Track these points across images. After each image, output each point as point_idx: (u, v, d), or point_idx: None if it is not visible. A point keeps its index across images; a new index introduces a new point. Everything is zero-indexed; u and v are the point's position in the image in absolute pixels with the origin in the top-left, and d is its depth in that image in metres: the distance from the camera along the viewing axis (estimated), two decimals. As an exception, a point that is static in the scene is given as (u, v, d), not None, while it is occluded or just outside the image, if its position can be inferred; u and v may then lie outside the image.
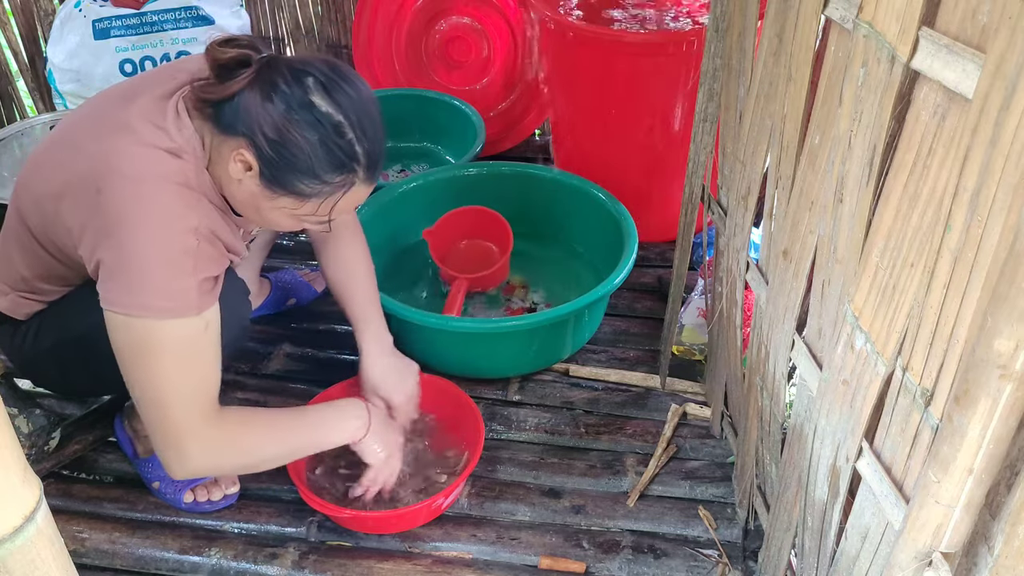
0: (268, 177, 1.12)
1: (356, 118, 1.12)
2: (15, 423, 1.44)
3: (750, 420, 1.31)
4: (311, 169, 1.11)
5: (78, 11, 2.33)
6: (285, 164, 1.11)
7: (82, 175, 1.12)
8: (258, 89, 1.10)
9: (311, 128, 1.09)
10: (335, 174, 1.13)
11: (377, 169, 1.17)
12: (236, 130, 1.11)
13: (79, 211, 1.12)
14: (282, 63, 1.13)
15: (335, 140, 1.11)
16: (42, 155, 1.22)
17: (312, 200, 1.15)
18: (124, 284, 1.08)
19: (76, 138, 1.18)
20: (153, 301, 1.08)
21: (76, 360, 1.30)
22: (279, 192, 1.13)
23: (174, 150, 1.13)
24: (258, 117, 1.09)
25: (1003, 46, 0.58)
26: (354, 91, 1.13)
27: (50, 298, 1.30)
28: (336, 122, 1.11)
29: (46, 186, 1.18)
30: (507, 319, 1.72)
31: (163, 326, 1.09)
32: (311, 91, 1.10)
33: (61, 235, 1.18)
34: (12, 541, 0.60)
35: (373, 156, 1.15)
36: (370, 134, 1.14)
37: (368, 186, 1.18)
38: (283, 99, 1.09)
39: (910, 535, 0.73)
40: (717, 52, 1.33)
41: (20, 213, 1.24)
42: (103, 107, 1.20)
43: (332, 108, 1.10)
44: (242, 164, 1.12)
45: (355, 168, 1.14)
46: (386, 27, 2.43)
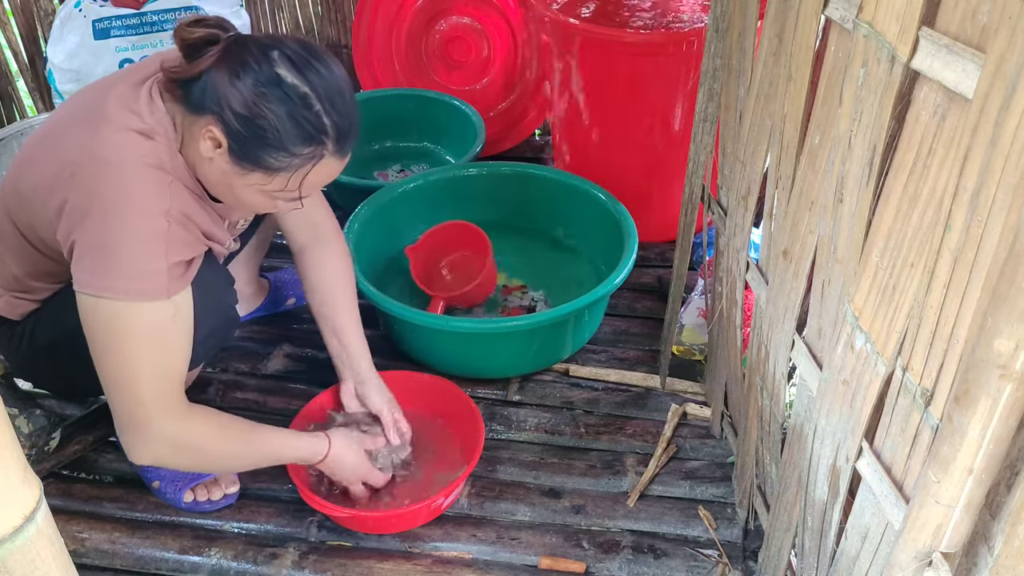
0: (237, 152, 1.13)
1: (324, 91, 1.13)
2: (15, 423, 1.44)
3: (750, 420, 1.31)
4: (279, 142, 1.11)
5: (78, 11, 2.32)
6: (253, 138, 1.11)
7: (62, 163, 1.14)
8: (225, 66, 1.11)
9: (278, 101, 1.10)
10: (303, 146, 1.13)
11: (348, 142, 1.17)
12: (205, 108, 1.12)
13: (56, 197, 1.13)
14: (250, 40, 1.14)
15: (302, 112, 1.11)
16: (26, 152, 1.24)
17: (281, 174, 1.15)
18: (94, 265, 1.09)
19: (57, 133, 1.19)
20: (122, 283, 1.09)
21: (70, 356, 1.30)
22: (248, 167, 1.14)
23: (146, 131, 1.14)
24: (225, 93, 1.10)
25: (1003, 46, 0.58)
26: (324, 67, 1.14)
27: (42, 296, 1.31)
28: (303, 93, 1.11)
29: (31, 181, 1.19)
30: (507, 319, 1.72)
31: (132, 308, 1.10)
32: (277, 64, 1.11)
33: (44, 227, 1.19)
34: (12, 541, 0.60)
35: (343, 129, 1.15)
36: (339, 107, 1.14)
37: (339, 160, 1.18)
38: (250, 74, 1.10)
39: (910, 535, 0.73)
40: (717, 52, 1.33)
41: (7, 211, 1.25)
42: (82, 101, 1.22)
43: (298, 80, 1.11)
44: (211, 141, 1.13)
45: (323, 140, 1.14)
46: (386, 27, 2.43)
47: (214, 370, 1.73)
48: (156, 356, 1.14)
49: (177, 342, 1.16)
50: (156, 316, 1.12)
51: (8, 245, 1.27)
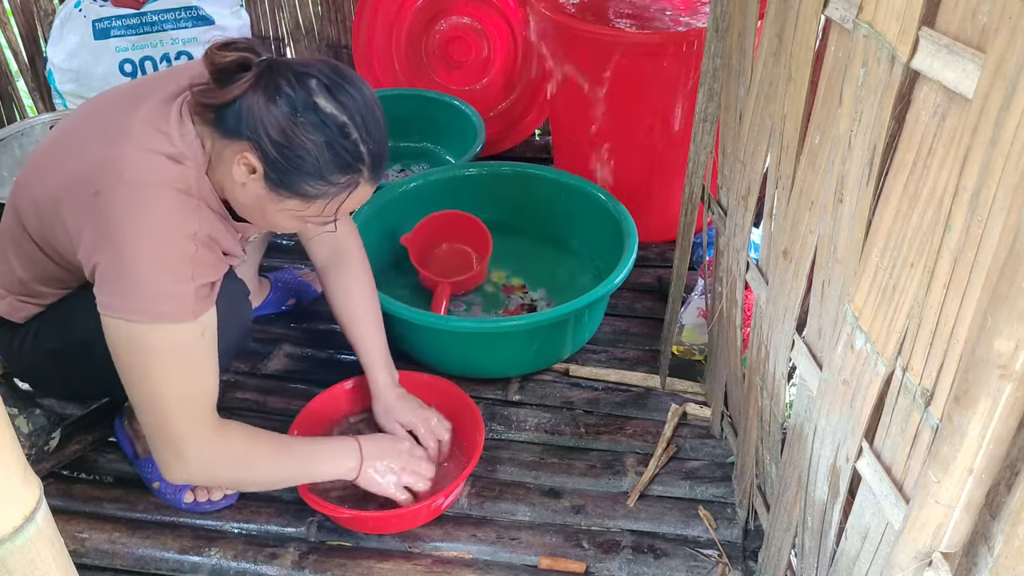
0: (274, 180, 1.12)
1: (360, 119, 1.12)
2: (15, 423, 1.44)
3: (750, 420, 1.31)
4: (317, 171, 1.11)
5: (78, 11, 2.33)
6: (291, 166, 1.11)
7: (82, 178, 1.12)
8: (261, 92, 1.10)
9: (316, 130, 1.10)
10: (341, 175, 1.13)
11: (381, 168, 1.18)
12: (240, 133, 1.11)
13: (77, 215, 1.12)
14: (284, 65, 1.13)
15: (340, 141, 1.11)
16: (41, 158, 1.22)
17: (318, 201, 1.15)
18: (121, 289, 1.09)
19: (77, 141, 1.18)
20: (150, 306, 1.08)
21: (76, 364, 1.30)
22: (285, 194, 1.14)
23: (175, 155, 1.12)
24: (263, 120, 1.09)
25: (1003, 46, 0.58)
26: (357, 92, 1.13)
27: (48, 301, 1.30)
28: (341, 123, 1.11)
29: (45, 189, 1.17)
30: (507, 319, 1.72)
31: (159, 330, 1.09)
32: (315, 93, 1.10)
33: (59, 238, 1.18)
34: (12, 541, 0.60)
35: (377, 156, 1.16)
36: (374, 134, 1.14)
37: (372, 185, 1.19)
38: (287, 101, 1.09)
39: (910, 535, 0.73)
40: (717, 52, 1.33)
41: (18, 216, 1.24)
42: (105, 110, 1.20)
43: (336, 109, 1.11)
44: (246, 167, 1.12)
45: (360, 168, 1.14)
46: (386, 27, 2.43)
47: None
48: (185, 377, 1.13)
49: (205, 362, 1.16)
50: (183, 337, 1.12)
51: (16, 249, 1.26)
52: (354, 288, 1.49)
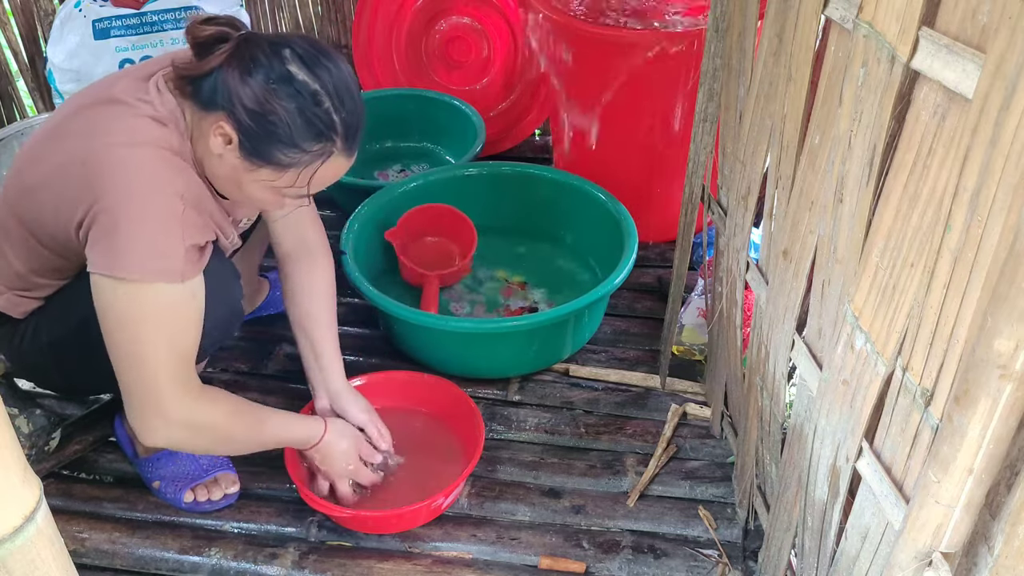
0: (248, 148, 1.14)
1: (333, 88, 1.14)
2: (15, 423, 1.44)
3: (750, 420, 1.31)
4: (289, 137, 1.13)
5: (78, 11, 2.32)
6: (264, 134, 1.12)
7: (70, 153, 1.14)
8: (236, 62, 1.12)
9: (289, 97, 1.11)
10: (313, 142, 1.14)
11: (355, 140, 1.19)
12: (216, 104, 1.13)
13: (68, 186, 1.14)
14: (260, 37, 1.15)
15: (312, 109, 1.12)
16: (30, 149, 1.24)
17: (291, 170, 1.16)
18: (110, 246, 1.10)
19: (61, 128, 1.20)
20: (139, 263, 1.09)
21: (74, 353, 1.30)
22: (258, 163, 1.15)
23: (159, 118, 1.15)
24: (237, 89, 1.11)
25: (1003, 46, 0.58)
26: (332, 65, 1.15)
27: (46, 293, 1.31)
28: (313, 90, 1.12)
29: (38, 175, 1.19)
30: (507, 319, 1.72)
31: (148, 290, 1.11)
32: (288, 61, 1.12)
33: (52, 220, 1.18)
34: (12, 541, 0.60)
35: (351, 126, 1.17)
36: (348, 105, 1.16)
37: (347, 158, 1.19)
38: (261, 70, 1.11)
39: (910, 535, 0.73)
40: (717, 52, 1.33)
41: (11, 208, 1.25)
42: (85, 97, 1.22)
43: (309, 77, 1.12)
44: (222, 137, 1.14)
45: (333, 137, 1.15)
46: (386, 27, 2.43)
47: (214, 370, 1.73)
48: (170, 337, 1.14)
49: (190, 324, 1.17)
50: (171, 298, 1.13)
51: (12, 242, 1.27)
52: (317, 283, 1.47)
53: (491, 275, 1.94)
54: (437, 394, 1.54)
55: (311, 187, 1.19)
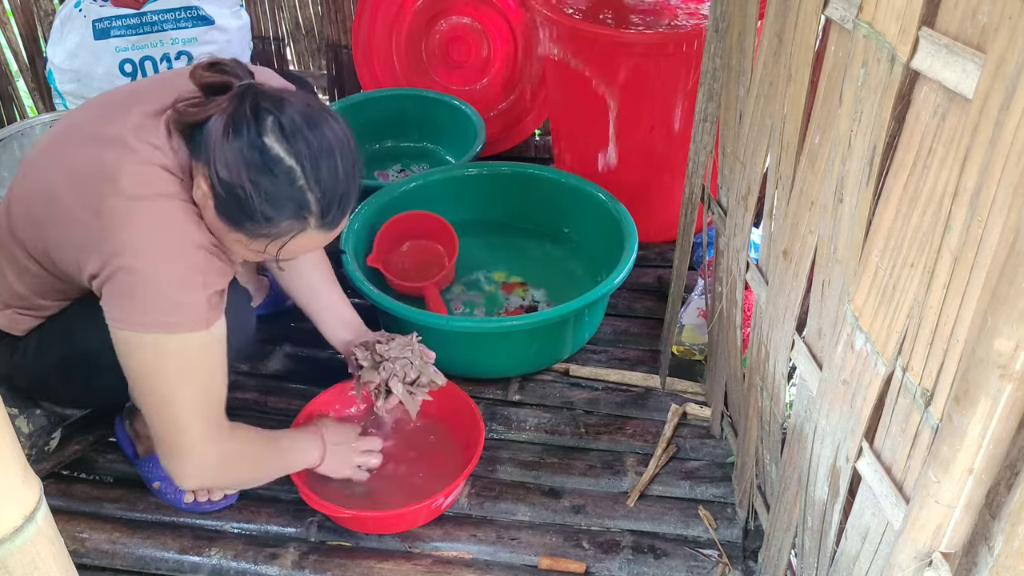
0: (219, 210, 1.10)
1: (311, 165, 1.07)
2: (15, 423, 1.44)
3: (750, 420, 1.31)
4: (256, 213, 1.08)
5: (78, 11, 2.33)
6: (233, 203, 1.08)
7: (82, 196, 1.12)
8: (222, 120, 1.07)
9: (259, 172, 1.06)
10: (283, 220, 1.09)
11: (331, 217, 1.12)
12: (201, 157, 1.10)
13: (81, 234, 1.12)
14: (254, 95, 1.09)
15: (284, 188, 1.07)
16: (34, 169, 1.20)
17: (261, 239, 1.12)
18: (133, 301, 1.09)
19: (72, 158, 1.16)
20: (163, 318, 1.09)
21: (80, 375, 1.30)
22: (230, 226, 1.11)
23: (170, 167, 1.12)
24: (215, 151, 1.07)
25: (1003, 46, 0.58)
26: (316, 136, 1.08)
27: (47, 313, 1.30)
28: (287, 167, 1.06)
29: (46, 211, 1.16)
30: (507, 319, 1.72)
31: (173, 340, 1.10)
32: (266, 133, 1.06)
33: (63, 258, 1.17)
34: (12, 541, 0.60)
35: (327, 204, 1.10)
36: (326, 182, 1.09)
37: (322, 233, 1.14)
38: (239, 136, 1.06)
39: (910, 535, 0.73)
40: (717, 52, 1.33)
41: (14, 233, 1.22)
42: (96, 122, 1.18)
43: (284, 152, 1.06)
44: (201, 191, 1.11)
45: (305, 216, 1.10)
46: (386, 27, 2.43)
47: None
48: (197, 386, 1.14)
49: (216, 370, 1.17)
50: (196, 346, 1.12)
51: (12, 264, 1.25)
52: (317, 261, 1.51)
53: (491, 275, 1.94)
54: (437, 394, 1.53)
55: (280, 256, 1.15)
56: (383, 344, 1.45)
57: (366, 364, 1.45)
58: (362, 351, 1.46)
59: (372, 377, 1.43)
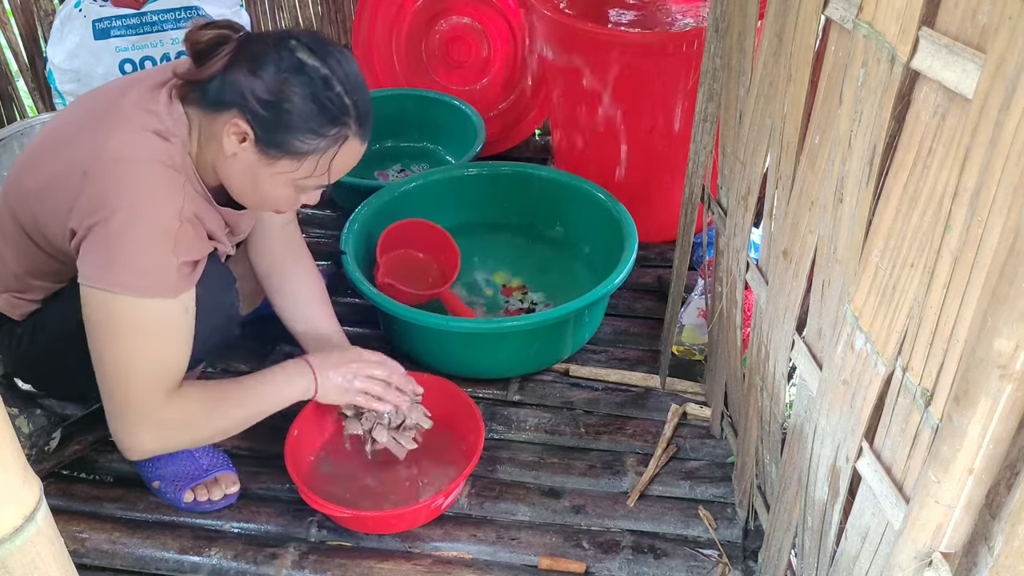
0: (264, 140, 1.14)
1: (343, 74, 1.16)
2: (15, 423, 1.44)
3: (750, 420, 1.31)
4: (306, 123, 1.14)
5: (78, 11, 2.33)
6: (280, 123, 1.13)
7: (72, 163, 1.14)
8: (243, 60, 1.14)
9: (301, 84, 1.13)
10: (329, 126, 1.15)
11: (368, 124, 1.21)
12: (225, 104, 1.14)
13: (66, 195, 1.14)
14: (262, 35, 1.17)
15: (326, 93, 1.14)
16: (33, 152, 1.23)
17: (310, 158, 1.17)
18: (104, 260, 1.10)
19: (66, 133, 1.19)
20: (132, 279, 1.09)
21: (73, 356, 1.30)
22: (276, 155, 1.15)
23: (162, 132, 1.15)
24: (248, 83, 1.12)
25: (1003, 46, 0.58)
26: (338, 53, 1.18)
27: (41, 296, 1.31)
28: (324, 75, 1.14)
29: (38, 180, 1.19)
30: (507, 319, 1.72)
31: (138, 304, 1.11)
32: (297, 50, 1.14)
33: (51, 225, 1.19)
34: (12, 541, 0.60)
35: (363, 110, 1.19)
36: (358, 89, 1.18)
37: (361, 142, 1.21)
38: (271, 62, 1.13)
39: (910, 535, 0.73)
40: (717, 52, 1.33)
41: (11, 210, 1.25)
42: (93, 103, 1.22)
43: (319, 64, 1.14)
44: (236, 135, 1.14)
45: (347, 120, 1.17)
46: (386, 27, 2.43)
47: (214, 370, 1.73)
48: (157, 353, 1.14)
49: (179, 341, 1.17)
50: (161, 314, 1.13)
51: (10, 244, 1.27)
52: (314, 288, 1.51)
53: (490, 276, 1.94)
54: (437, 394, 1.53)
55: (331, 174, 1.20)
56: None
57: (349, 413, 1.44)
58: None
59: (355, 429, 1.42)
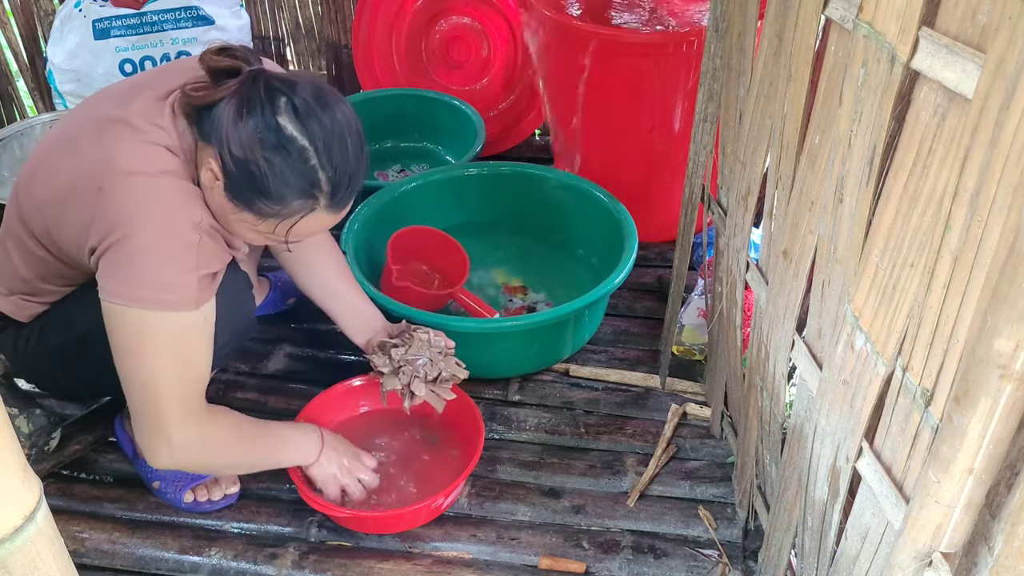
0: (230, 190, 1.13)
1: (323, 144, 1.11)
2: (15, 423, 1.44)
3: (750, 420, 1.31)
4: (269, 191, 1.11)
5: (78, 11, 2.33)
6: (246, 181, 1.11)
7: (84, 176, 1.13)
8: (234, 102, 1.10)
9: (273, 150, 1.09)
10: (295, 198, 1.12)
11: (342, 197, 1.16)
12: (210, 139, 1.13)
13: (83, 211, 1.13)
14: (265, 79, 1.12)
15: (297, 166, 1.10)
16: (41, 159, 1.22)
17: (270, 220, 1.14)
18: (125, 276, 1.09)
19: (76, 141, 1.18)
20: (153, 294, 1.09)
21: (80, 359, 1.30)
22: (240, 207, 1.14)
23: (172, 148, 1.14)
24: (227, 131, 1.10)
25: (1003, 46, 0.58)
26: (328, 117, 1.12)
27: (51, 299, 1.30)
28: (300, 147, 1.10)
29: (48, 191, 1.18)
30: (507, 319, 1.72)
31: (160, 317, 1.10)
32: (280, 112, 1.09)
33: (65, 238, 1.18)
34: (12, 541, 0.60)
35: (338, 184, 1.14)
36: (337, 162, 1.12)
37: (332, 213, 1.17)
38: (252, 117, 1.09)
39: (910, 535, 0.73)
40: (717, 52, 1.33)
41: (21, 216, 1.24)
42: (101, 107, 1.21)
43: (298, 132, 1.09)
44: (211, 173, 1.13)
45: (316, 195, 1.13)
46: (386, 27, 2.43)
47: (214, 370, 1.73)
48: (181, 365, 1.14)
49: (201, 351, 1.17)
50: (183, 326, 1.12)
51: (19, 248, 1.26)
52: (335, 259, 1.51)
53: (490, 276, 1.94)
54: (437, 394, 1.54)
55: (289, 238, 1.18)
56: (400, 348, 1.43)
57: (386, 370, 1.43)
58: (380, 357, 1.44)
59: (393, 384, 1.42)
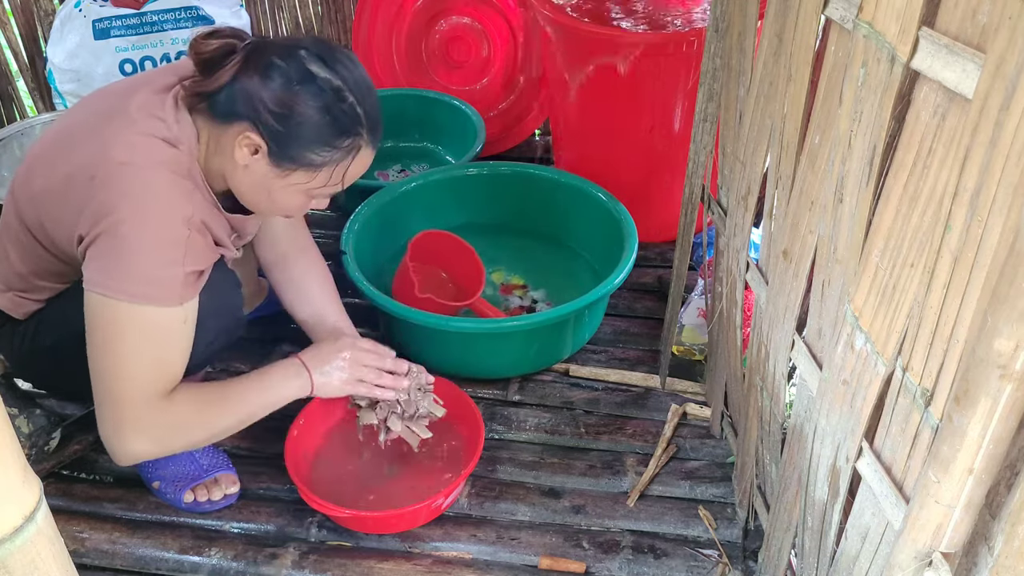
0: (277, 154, 1.14)
1: (354, 82, 1.16)
2: (15, 423, 1.44)
3: (750, 420, 1.31)
4: (320, 136, 1.14)
5: (78, 11, 2.33)
6: (293, 136, 1.13)
7: (81, 166, 1.13)
8: (253, 70, 1.13)
9: (313, 96, 1.13)
10: (343, 138, 1.16)
11: (378, 129, 1.21)
12: (236, 115, 1.13)
13: (75, 199, 1.13)
14: (270, 44, 1.16)
15: (338, 104, 1.14)
16: (39, 153, 1.23)
17: (324, 169, 1.17)
18: (110, 267, 1.09)
19: (74, 135, 1.19)
20: (138, 287, 1.09)
21: (74, 357, 1.30)
22: (290, 167, 1.15)
23: (170, 139, 1.14)
24: (259, 95, 1.12)
25: (1003, 46, 0.58)
26: (348, 60, 1.18)
27: (46, 296, 1.31)
28: (336, 87, 1.14)
29: (45, 183, 1.18)
30: (507, 319, 1.72)
31: (142, 311, 1.10)
32: (307, 61, 1.14)
33: (57, 229, 1.18)
34: (12, 541, 0.60)
35: (373, 118, 1.19)
36: (368, 96, 1.18)
37: (372, 150, 1.22)
38: (281, 73, 1.12)
39: (910, 535, 0.73)
40: (717, 52, 1.33)
41: (17, 210, 1.25)
42: (100, 104, 1.21)
43: (329, 74, 1.14)
44: (248, 147, 1.14)
45: (359, 131, 1.17)
46: (386, 27, 2.43)
47: (214, 370, 1.73)
48: (156, 359, 1.14)
49: (178, 347, 1.17)
50: (165, 321, 1.12)
51: (15, 243, 1.27)
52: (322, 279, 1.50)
53: (490, 276, 1.94)
54: (437, 394, 1.53)
55: (344, 182, 1.21)
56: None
57: (363, 404, 1.43)
58: None
59: (370, 419, 1.42)
